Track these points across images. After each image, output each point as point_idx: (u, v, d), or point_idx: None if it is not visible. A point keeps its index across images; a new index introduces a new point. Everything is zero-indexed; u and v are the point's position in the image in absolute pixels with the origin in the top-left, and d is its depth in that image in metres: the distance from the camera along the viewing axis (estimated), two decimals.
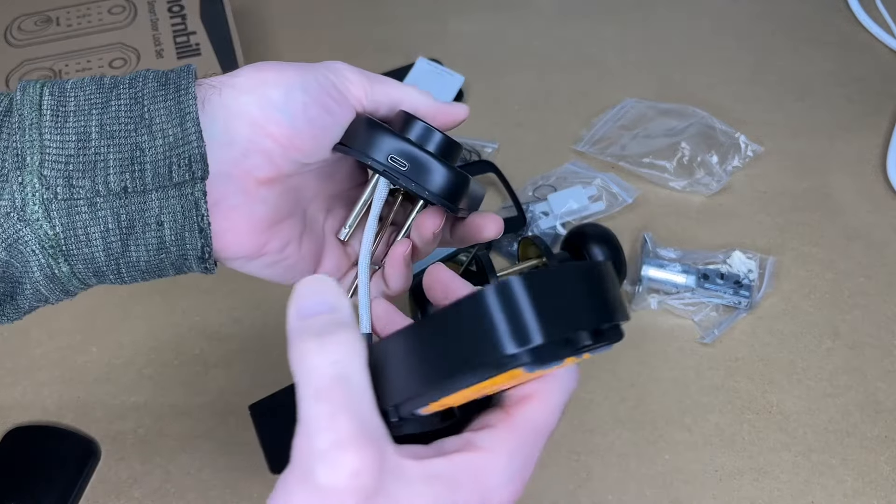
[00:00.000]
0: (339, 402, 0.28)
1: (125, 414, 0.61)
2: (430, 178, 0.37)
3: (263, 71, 0.37)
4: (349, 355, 0.29)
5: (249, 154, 0.36)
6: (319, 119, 0.37)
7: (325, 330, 0.29)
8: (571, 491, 0.57)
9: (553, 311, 0.27)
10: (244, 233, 0.37)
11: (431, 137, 0.38)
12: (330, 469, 0.27)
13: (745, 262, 0.68)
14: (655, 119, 0.81)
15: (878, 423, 0.61)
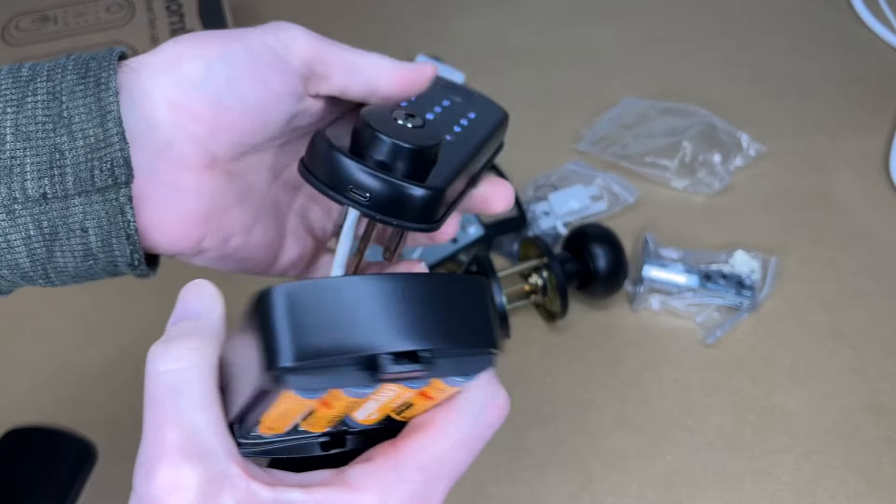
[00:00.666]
0: (168, 412, 0.26)
1: (123, 415, 0.61)
2: (397, 206, 0.33)
3: (181, 44, 0.33)
4: (191, 364, 0.27)
5: (174, 142, 0.32)
6: (251, 92, 0.33)
7: (178, 335, 0.28)
8: (572, 493, 0.57)
9: (330, 327, 0.24)
10: (174, 230, 0.34)
11: (397, 152, 0.33)
12: (146, 480, 0.25)
13: (747, 263, 0.68)
14: (657, 118, 0.80)
15: (881, 425, 0.61)
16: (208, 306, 0.30)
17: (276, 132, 0.35)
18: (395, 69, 0.36)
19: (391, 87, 0.36)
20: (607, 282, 0.64)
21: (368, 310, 0.24)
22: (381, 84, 0.36)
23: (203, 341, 0.28)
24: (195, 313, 0.29)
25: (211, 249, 0.36)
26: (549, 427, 0.60)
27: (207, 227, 0.35)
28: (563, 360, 0.64)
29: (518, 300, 0.66)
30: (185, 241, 0.34)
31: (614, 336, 0.65)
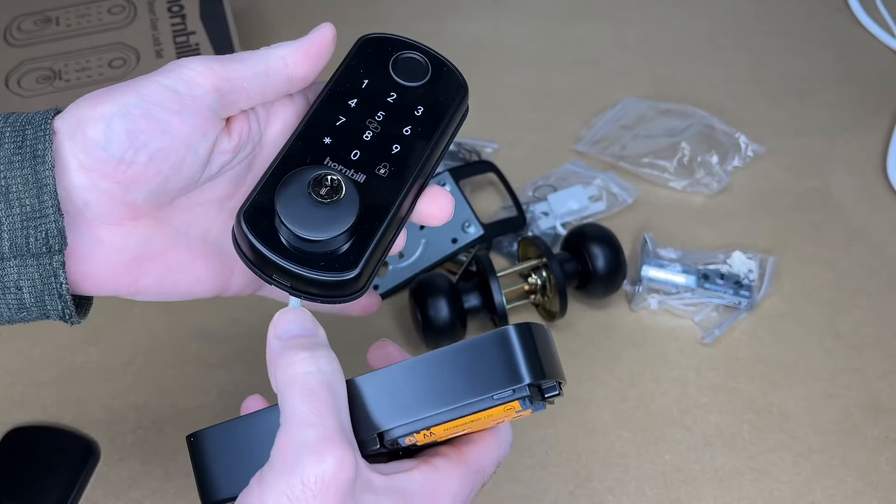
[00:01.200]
0: (327, 403, 0.30)
1: (125, 414, 0.61)
2: (319, 292, 0.35)
3: (82, 107, 0.34)
4: (334, 370, 0.32)
5: (90, 203, 0.33)
6: (155, 141, 0.33)
7: (313, 346, 0.32)
8: (571, 491, 0.57)
9: (550, 358, 0.33)
10: (103, 279, 0.35)
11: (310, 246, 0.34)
12: (318, 460, 0.29)
13: (745, 263, 0.68)
14: (656, 119, 0.80)
15: (879, 424, 0.61)
16: (318, 326, 0.34)
17: (196, 171, 0.35)
18: (297, 54, 0.36)
19: (301, 68, 0.36)
20: (606, 282, 0.64)
21: (552, 349, 0.35)
22: (291, 69, 0.36)
23: (331, 353, 0.33)
24: (310, 331, 0.34)
25: (149, 289, 0.37)
26: (548, 426, 0.61)
27: (139, 273, 0.36)
28: (563, 359, 0.64)
29: (517, 300, 0.66)
30: (117, 286, 0.36)
31: (613, 335, 0.66)
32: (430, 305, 0.61)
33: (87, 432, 0.60)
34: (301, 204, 0.34)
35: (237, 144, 0.36)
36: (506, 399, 0.32)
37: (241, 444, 0.34)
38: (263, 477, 0.30)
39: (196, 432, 0.35)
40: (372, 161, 0.36)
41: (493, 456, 0.36)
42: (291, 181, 0.35)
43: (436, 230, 0.69)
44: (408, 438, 0.33)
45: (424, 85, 0.40)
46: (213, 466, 0.35)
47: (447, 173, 0.71)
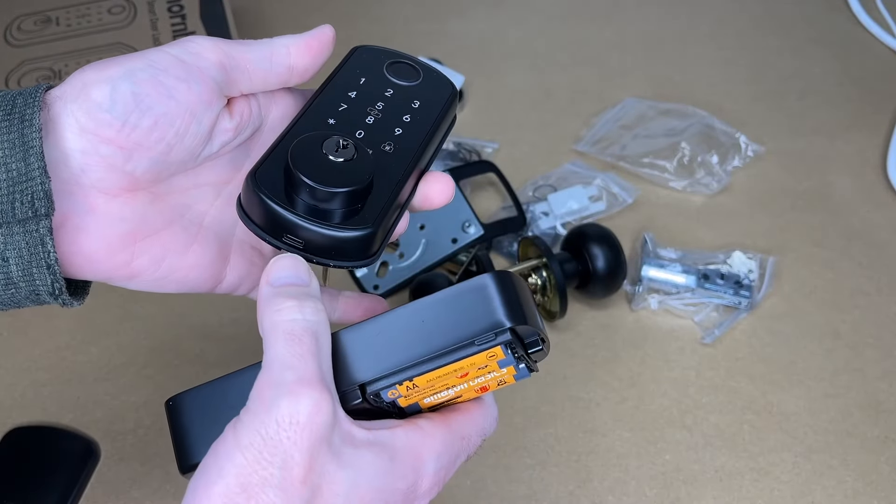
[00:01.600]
0: (309, 349, 0.31)
1: (125, 414, 0.61)
2: (332, 251, 0.34)
3: (86, 72, 0.33)
4: (320, 320, 0.32)
5: (88, 168, 0.33)
6: (158, 105, 0.33)
7: (301, 296, 0.32)
8: (571, 491, 0.57)
9: (530, 308, 0.33)
10: (97, 256, 0.34)
11: (327, 197, 0.34)
12: (294, 400, 0.29)
13: (745, 263, 0.68)
14: (656, 119, 0.81)
15: (879, 424, 0.61)
16: (311, 276, 0.33)
17: (198, 145, 0.35)
18: (298, 40, 0.37)
19: (303, 59, 0.37)
20: (606, 282, 0.64)
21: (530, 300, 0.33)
22: (293, 60, 0.36)
23: (320, 305, 0.32)
24: (303, 280, 0.33)
25: (144, 273, 0.36)
26: (548, 426, 0.61)
27: (134, 250, 0.35)
28: (563, 359, 0.64)
29: None
30: (111, 266, 0.35)
31: (613, 335, 0.66)
32: None
33: (87, 432, 0.60)
34: (316, 162, 0.34)
35: (238, 124, 0.36)
36: (488, 344, 0.31)
37: (220, 404, 0.34)
38: (240, 419, 0.30)
39: (175, 396, 0.35)
40: (377, 140, 0.37)
41: (479, 426, 0.36)
42: (305, 143, 0.35)
43: (436, 230, 0.69)
44: (390, 391, 0.33)
45: (418, 85, 0.40)
46: (191, 429, 0.34)
47: (447, 173, 0.71)
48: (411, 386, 0.33)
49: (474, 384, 0.34)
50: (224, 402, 0.34)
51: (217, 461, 0.30)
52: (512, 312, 0.31)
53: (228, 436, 0.30)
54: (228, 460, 0.29)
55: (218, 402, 0.34)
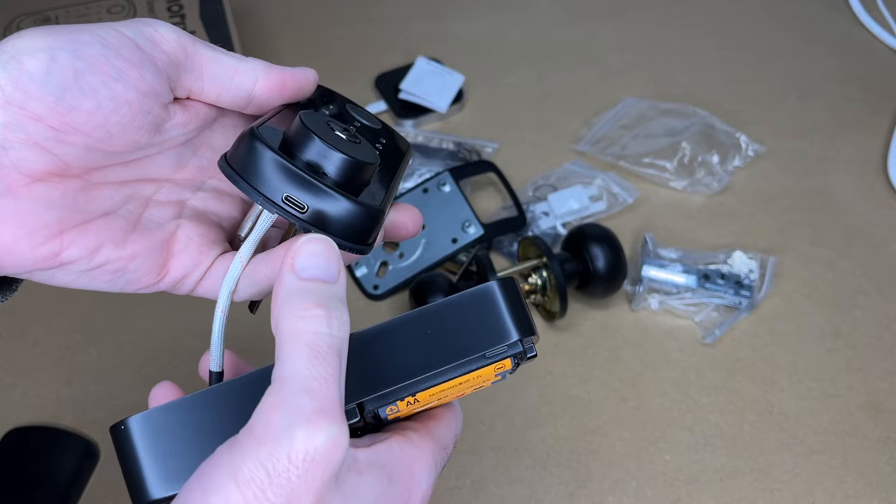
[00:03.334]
0: (332, 371, 0.27)
1: (124, 414, 0.60)
2: (336, 223, 0.30)
3: (23, 37, 0.29)
4: (345, 336, 0.28)
5: (9, 146, 0.28)
6: (103, 87, 0.29)
7: (330, 302, 0.28)
8: (571, 491, 0.57)
9: (530, 313, 0.31)
10: (18, 245, 0.29)
11: (343, 166, 0.31)
12: (311, 434, 0.25)
13: (745, 263, 0.68)
14: (656, 119, 0.80)
15: (879, 424, 0.61)
16: (341, 270, 0.29)
17: (141, 139, 0.31)
18: (272, 73, 0.33)
19: (269, 93, 0.33)
20: (606, 282, 0.64)
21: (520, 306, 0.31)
22: (258, 90, 0.33)
23: (346, 315, 0.28)
24: (331, 276, 0.29)
25: (73, 263, 0.31)
26: (548, 426, 0.60)
27: (63, 240, 0.30)
28: (563, 359, 0.64)
29: None
30: (36, 257, 0.30)
31: (613, 335, 0.66)
32: None
33: (86, 433, 0.60)
34: (326, 132, 0.31)
35: (189, 119, 0.33)
36: (499, 357, 0.30)
37: (186, 429, 0.29)
38: (239, 442, 0.26)
39: (126, 419, 0.30)
40: (367, 139, 0.35)
41: (453, 432, 0.33)
42: (312, 116, 0.32)
43: (436, 230, 0.69)
44: (390, 408, 0.30)
45: (380, 129, 0.38)
46: (148, 458, 0.29)
47: (447, 173, 0.71)
48: (412, 401, 0.30)
49: (461, 392, 0.32)
50: (192, 428, 0.29)
51: (206, 495, 0.26)
52: (520, 323, 0.30)
53: (223, 461, 0.26)
54: (221, 496, 0.25)
55: (184, 429, 0.29)
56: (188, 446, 0.29)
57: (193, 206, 0.36)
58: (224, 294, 0.33)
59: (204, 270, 0.35)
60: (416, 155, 0.77)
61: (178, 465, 0.29)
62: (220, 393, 0.30)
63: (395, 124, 0.81)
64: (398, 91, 0.82)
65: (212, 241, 0.35)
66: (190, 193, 0.36)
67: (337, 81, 0.88)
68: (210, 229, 0.35)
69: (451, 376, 0.30)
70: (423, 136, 0.80)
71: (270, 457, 0.25)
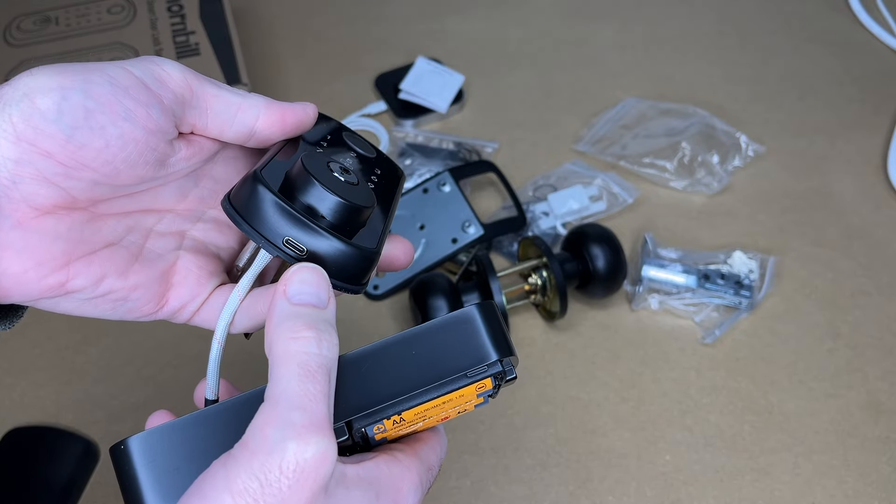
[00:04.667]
0: (321, 390, 0.28)
1: (124, 415, 0.61)
2: (333, 264, 0.32)
3: (35, 75, 0.30)
4: (334, 356, 0.30)
5: (20, 180, 0.29)
6: (112, 126, 0.30)
7: (320, 325, 0.30)
8: (571, 491, 0.57)
9: (508, 336, 0.33)
10: (27, 276, 0.31)
11: (340, 210, 0.32)
12: (302, 446, 0.27)
13: (745, 263, 0.68)
14: (656, 119, 0.80)
15: (880, 424, 0.61)
16: (331, 298, 0.31)
17: (147, 174, 0.32)
18: (273, 109, 0.34)
19: (270, 129, 0.34)
20: (606, 282, 0.64)
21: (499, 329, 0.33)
22: (260, 125, 0.34)
23: (335, 338, 0.30)
24: (321, 301, 0.31)
25: (79, 292, 0.33)
26: (548, 426, 0.60)
27: (69, 271, 0.32)
28: (563, 359, 0.64)
29: (518, 300, 0.66)
30: (42, 286, 0.31)
31: (613, 336, 0.66)
32: (430, 305, 0.61)
33: (86, 433, 0.60)
34: (326, 176, 0.33)
35: (192, 154, 0.34)
36: (480, 376, 0.32)
37: (183, 447, 0.31)
38: (234, 456, 0.27)
39: (126, 440, 0.31)
40: (363, 175, 0.37)
41: (438, 455, 0.34)
42: (312, 158, 0.33)
43: (436, 230, 0.69)
44: (377, 426, 0.32)
45: (375, 158, 0.39)
46: (147, 476, 0.30)
47: (447, 173, 0.71)
48: (399, 420, 0.32)
49: (445, 415, 0.34)
50: (191, 448, 0.31)
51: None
52: (499, 345, 0.32)
53: (218, 475, 0.27)
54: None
55: (182, 449, 0.31)
56: (185, 464, 0.30)
57: (193, 236, 0.37)
58: (221, 327, 0.34)
59: (201, 301, 0.37)
60: (416, 155, 0.77)
61: (176, 482, 0.30)
62: (215, 413, 0.31)
63: (395, 124, 0.81)
64: (398, 91, 0.82)
65: (210, 273, 0.37)
66: (190, 224, 0.37)
67: (337, 81, 0.88)
68: (208, 261, 0.37)
69: (435, 395, 0.32)
70: (423, 136, 0.80)
71: (263, 468, 0.26)
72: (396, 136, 0.80)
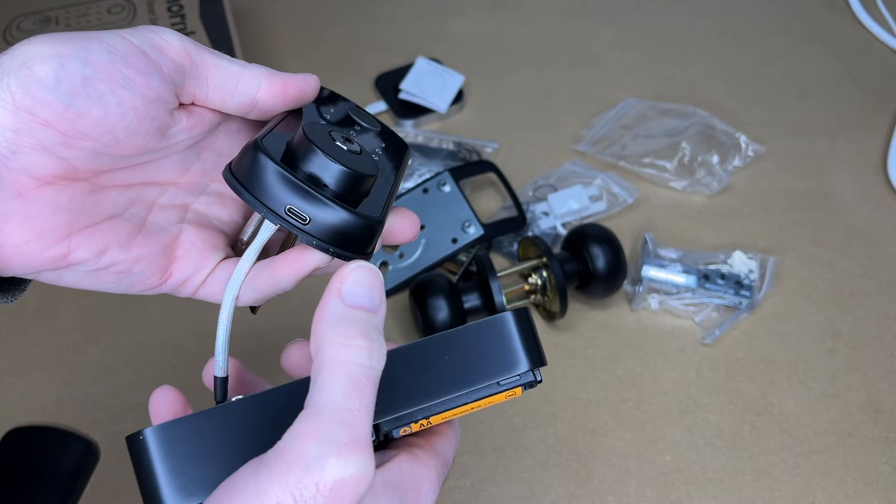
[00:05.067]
0: (367, 403, 0.27)
1: (125, 414, 0.61)
2: (337, 234, 0.31)
3: (33, 44, 0.29)
4: (382, 368, 0.29)
5: (19, 150, 0.29)
6: (111, 94, 0.30)
7: (372, 333, 0.29)
8: (571, 491, 0.57)
9: (540, 342, 0.33)
10: (28, 247, 0.30)
11: (345, 178, 0.32)
12: (342, 465, 0.26)
13: (745, 262, 0.68)
14: (656, 119, 0.80)
15: (879, 424, 0.61)
16: (383, 301, 0.30)
17: (148, 144, 0.32)
18: (274, 80, 0.34)
19: (272, 99, 0.34)
20: (606, 282, 0.64)
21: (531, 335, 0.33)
22: (261, 96, 0.34)
23: (384, 346, 0.29)
24: (374, 305, 0.29)
25: (81, 264, 0.32)
26: (548, 426, 0.61)
27: (70, 243, 0.31)
28: (563, 359, 0.64)
29: (518, 300, 0.66)
30: (45, 259, 0.31)
31: (613, 336, 0.66)
32: (430, 305, 0.61)
33: (87, 432, 0.60)
34: (329, 144, 0.32)
35: (194, 124, 0.34)
36: (511, 385, 0.32)
37: (204, 443, 0.30)
38: (267, 464, 0.26)
39: (143, 430, 0.30)
40: (367, 146, 0.36)
41: (453, 448, 0.34)
42: (315, 127, 0.33)
43: (436, 230, 0.69)
44: (403, 429, 0.31)
45: (379, 132, 0.39)
46: (165, 470, 0.30)
47: (447, 173, 0.71)
48: (425, 423, 0.32)
49: (467, 413, 0.34)
50: (206, 440, 0.30)
51: None
52: (532, 354, 0.32)
53: (249, 482, 0.26)
54: None
55: (199, 440, 0.30)
56: (206, 461, 0.29)
57: (197, 209, 0.36)
58: (228, 300, 0.34)
59: (206, 275, 0.36)
60: (416, 155, 0.77)
61: (196, 478, 0.29)
62: (239, 408, 0.31)
63: (395, 124, 0.81)
64: (398, 91, 0.82)
65: (214, 246, 0.36)
66: (193, 197, 0.36)
67: (337, 81, 0.88)
68: (212, 234, 0.36)
69: (465, 402, 0.31)
70: (423, 136, 0.80)
71: (299, 483, 0.26)
72: None
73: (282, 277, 0.34)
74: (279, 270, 0.34)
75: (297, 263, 0.34)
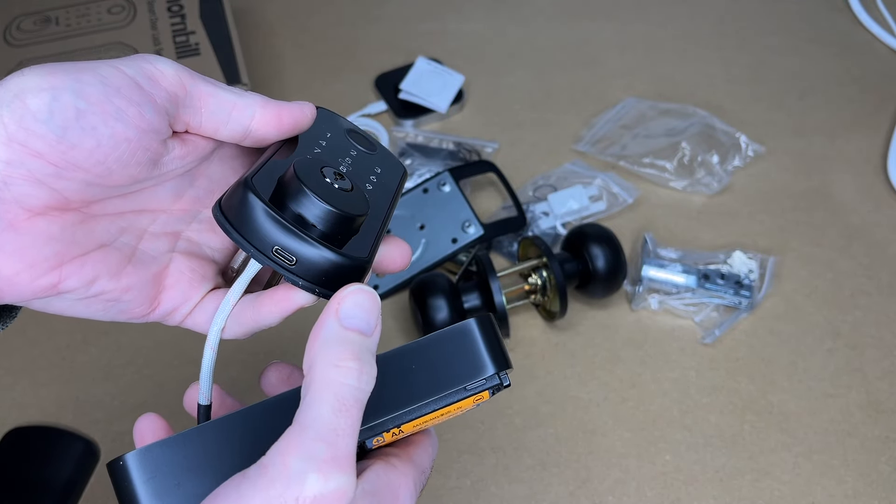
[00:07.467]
0: (352, 423, 0.28)
1: (124, 414, 0.61)
2: (323, 276, 0.32)
3: (26, 76, 0.30)
4: (370, 389, 0.29)
5: (11, 182, 0.29)
6: (103, 126, 0.30)
7: (364, 356, 0.29)
8: (571, 491, 0.57)
9: (505, 347, 0.33)
10: (19, 277, 0.30)
11: (332, 219, 0.32)
12: (322, 481, 0.27)
13: (745, 263, 0.68)
14: (656, 119, 0.80)
15: (879, 424, 0.61)
16: (378, 324, 0.31)
17: (140, 174, 0.32)
18: (269, 108, 0.34)
19: (266, 128, 0.34)
20: (606, 282, 0.64)
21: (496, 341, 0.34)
22: (255, 124, 0.34)
23: (375, 369, 0.30)
24: (369, 329, 0.30)
25: (71, 293, 0.32)
26: (548, 426, 0.61)
27: (62, 272, 0.32)
28: (563, 359, 0.64)
29: (517, 300, 0.66)
30: (34, 287, 0.31)
31: (613, 335, 0.66)
32: (430, 305, 0.61)
33: (86, 432, 0.60)
34: (319, 183, 0.32)
35: (187, 153, 0.34)
36: (478, 389, 0.32)
37: (184, 463, 0.30)
38: (249, 478, 0.27)
39: (124, 456, 0.30)
40: (359, 180, 0.36)
41: (430, 457, 0.35)
42: (305, 164, 0.33)
43: (436, 230, 0.69)
44: (376, 439, 0.32)
45: (376, 155, 0.39)
46: (146, 494, 0.30)
47: (447, 173, 0.71)
48: (397, 432, 0.32)
49: (441, 420, 0.34)
50: (187, 460, 0.30)
51: None
52: (497, 359, 0.33)
53: (230, 497, 0.27)
54: None
55: (180, 461, 0.30)
56: (187, 480, 0.30)
57: (188, 237, 0.37)
58: (213, 332, 0.34)
59: (194, 305, 0.36)
60: (416, 155, 0.77)
61: (177, 498, 0.30)
62: (218, 427, 0.31)
63: (395, 124, 0.81)
64: (398, 91, 0.82)
65: (203, 277, 0.36)
66: (185, 224, 0.37)
67: (337, 81, 0.88)
68: (202, 264, 0.36)
69: (434, 408, 0.32)
70: (423, 136, 0.80)
71: (280, 497, 0.26)
72: (396, 136, 0.80)
73: (267, 315, 0.34)
74: (265, 307, 0.35)
75: (282, 302, 0.34)
